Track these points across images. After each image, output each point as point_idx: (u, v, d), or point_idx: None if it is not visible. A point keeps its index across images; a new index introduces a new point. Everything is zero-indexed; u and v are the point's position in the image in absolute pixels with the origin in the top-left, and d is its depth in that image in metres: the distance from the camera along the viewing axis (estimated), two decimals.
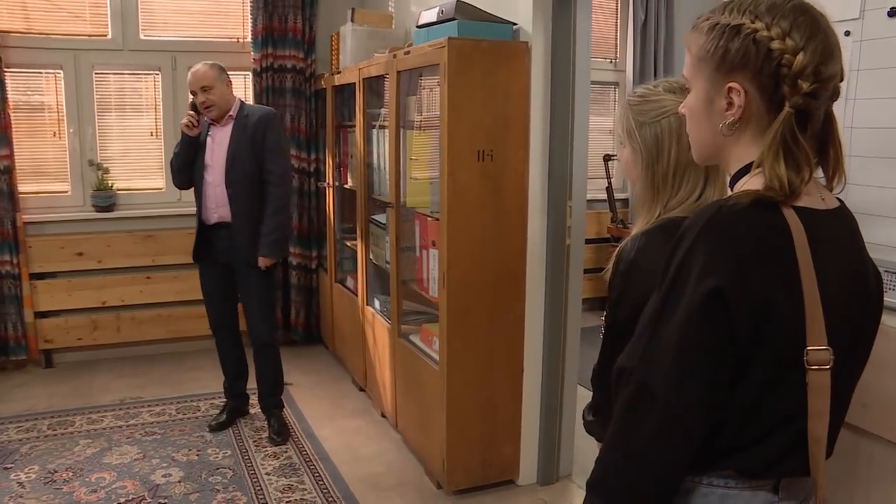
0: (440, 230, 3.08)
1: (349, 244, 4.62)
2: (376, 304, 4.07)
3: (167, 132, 4.90)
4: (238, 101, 3.65)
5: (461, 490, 3.23)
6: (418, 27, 3.32)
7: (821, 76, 1.03)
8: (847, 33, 1.88)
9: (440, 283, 3.10)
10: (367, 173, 4.10)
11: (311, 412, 4.11)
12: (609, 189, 5.92)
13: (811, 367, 1.03)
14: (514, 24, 3.09)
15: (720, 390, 1.04)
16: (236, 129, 3.57)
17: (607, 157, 5.86)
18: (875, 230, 1.82)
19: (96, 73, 4.80)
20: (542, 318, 3.23)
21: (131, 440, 3.72)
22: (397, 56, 3.44)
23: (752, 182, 1.07)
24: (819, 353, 1.02)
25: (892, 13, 1.81)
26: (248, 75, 4.97)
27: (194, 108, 3.55)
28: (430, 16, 3.21)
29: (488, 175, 3.04)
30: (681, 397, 1.03)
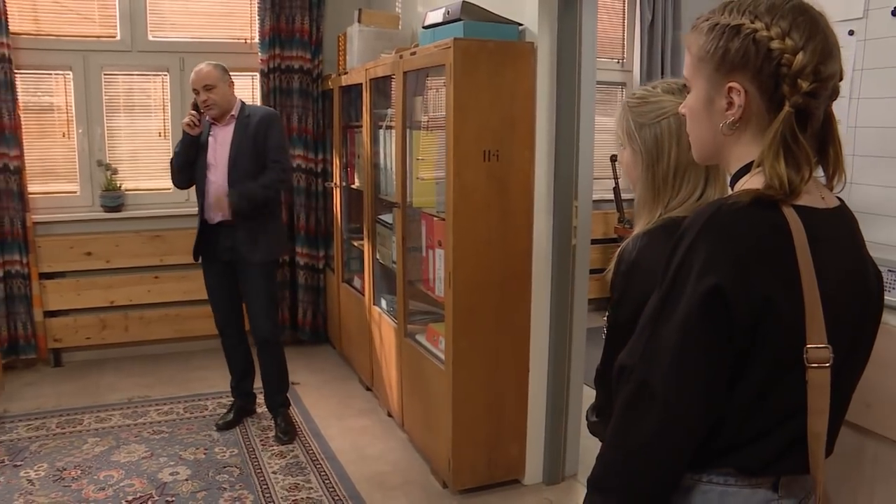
0: (446, 230, 3.09)
1: (356, 244, 4.64)
2: (383, 303, 4.08)
3: (175, 133, 4.91)
4: (239, 102, 3.67)
5: (467, 489, 3.23)
6: (424, 28, 3.33)
7: (820, 75, 1.03)
8: (851, 33, 1.88)
9: (446, 283, 3.11)
10: (374, 173, 4.11)
11: (317, 411, 4.12)
12: (616, 189, 5.91)
13: (811, 365, 1.03)
14: (520, 24, 3.09)
15: (720, 388, 1.04)
16: (238, 129, 3.59)
17: (614, 158, 5.84)
18: (880, 230, 1.81)
19: (105, 74, 4.83)
20: (547, 318, 3.23)
21: (139, 439, 3.74)
22: (404, 57, 3.45)
23: (753, 181, 1.07)
24: (819, 351, 1.03)
25: None
26: (256, 76, 5.00)
27: (196, 107, 3.57)
28: (436, 16, 3.21)
29: (494, 175, 3.05)
30: (680, 395, 1.04)
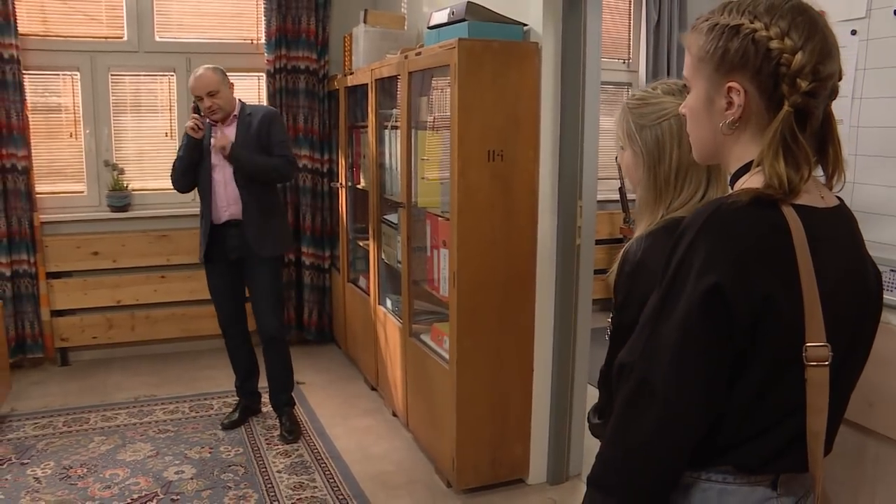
0: (451, 230, 3.09)
1: (361, 244, 4.65)
2: (388, 303, 4.09)
3: (181, 133, 4.86)
4: (239, 101, 3.69)
5: (471, 489, 3.24)
6: (429, 28, 3.34)
7: (819, 75, 1.04)
8: (853, 32, 1.87)
9: (451, 283, 3.12)
10: (380, 173, 4.13)
11: (323, 411, 4.13)
12: (622, 190, 5.90)
13: (810, 364, 1.03)
14: (525, 24, 3.10)
15: (719, 386, 1.05)
16: (241, 128, 3.61)
17: None
18: (882, 229, 1.81)
19: (112, 75, 4.86)
20: (552, 318, 3.23)
21: (145, 437, 3.76)
22: (409, 57, 3.46)
23: (752, 180, 1.08)
24: (818, 350, 1.03)
25: None
26: (262, 76, 5.02)
27: (197, 110, 3.59)
28: (441, 17, 3.22)
29: (498, 175, 3.05)
30: (680, 393, 1.04)
